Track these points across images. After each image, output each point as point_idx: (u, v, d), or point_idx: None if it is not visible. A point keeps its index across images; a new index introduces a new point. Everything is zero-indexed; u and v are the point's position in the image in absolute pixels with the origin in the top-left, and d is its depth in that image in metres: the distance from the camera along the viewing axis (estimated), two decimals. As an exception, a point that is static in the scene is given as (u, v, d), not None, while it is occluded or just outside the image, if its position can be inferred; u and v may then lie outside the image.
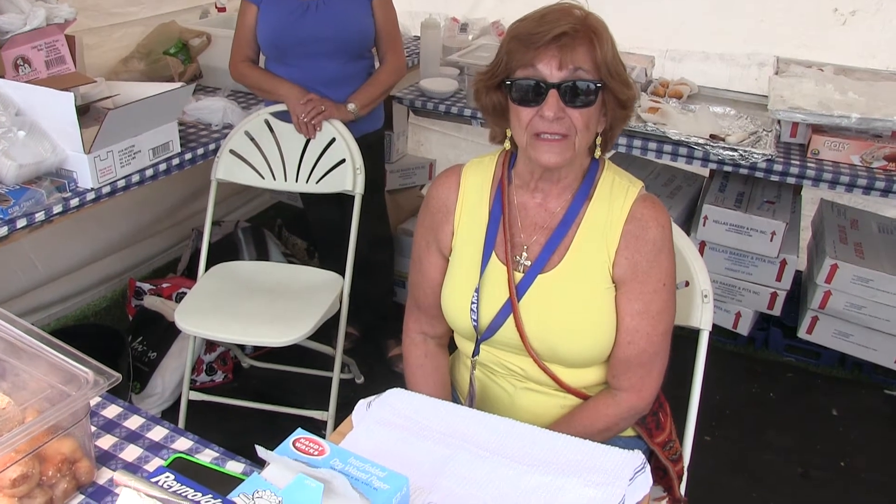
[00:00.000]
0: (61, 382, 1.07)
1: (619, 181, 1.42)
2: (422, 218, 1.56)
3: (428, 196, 1.55)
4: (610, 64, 1.31)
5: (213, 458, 1.18)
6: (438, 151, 3.98)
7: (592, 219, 1.40)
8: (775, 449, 2.58)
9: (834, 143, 2.42)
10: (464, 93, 2.88)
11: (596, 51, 1.29)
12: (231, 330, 2.18)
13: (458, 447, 1.21)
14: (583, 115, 1.31)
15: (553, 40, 1.28)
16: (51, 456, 1.04)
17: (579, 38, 1.29)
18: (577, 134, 1.32)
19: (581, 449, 1.22)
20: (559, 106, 1.29)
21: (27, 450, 0.98)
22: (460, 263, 1.48)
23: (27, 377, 1.10)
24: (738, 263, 2.84)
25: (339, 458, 1.04)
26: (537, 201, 1.44)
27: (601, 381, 1.47)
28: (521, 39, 1.32)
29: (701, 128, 2.56)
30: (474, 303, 1.44)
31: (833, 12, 3.03)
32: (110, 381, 1.04)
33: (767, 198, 2.85)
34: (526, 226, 1.44)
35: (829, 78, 2.72)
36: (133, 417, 1.28)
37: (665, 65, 3.24)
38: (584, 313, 1.39)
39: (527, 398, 1.48)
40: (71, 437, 1.06)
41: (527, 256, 1.43)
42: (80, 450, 1.08)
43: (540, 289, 1.40)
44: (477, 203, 1.48)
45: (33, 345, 1.11)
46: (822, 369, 2.97)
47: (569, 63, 1.28)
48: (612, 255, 1.38)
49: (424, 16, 3.14)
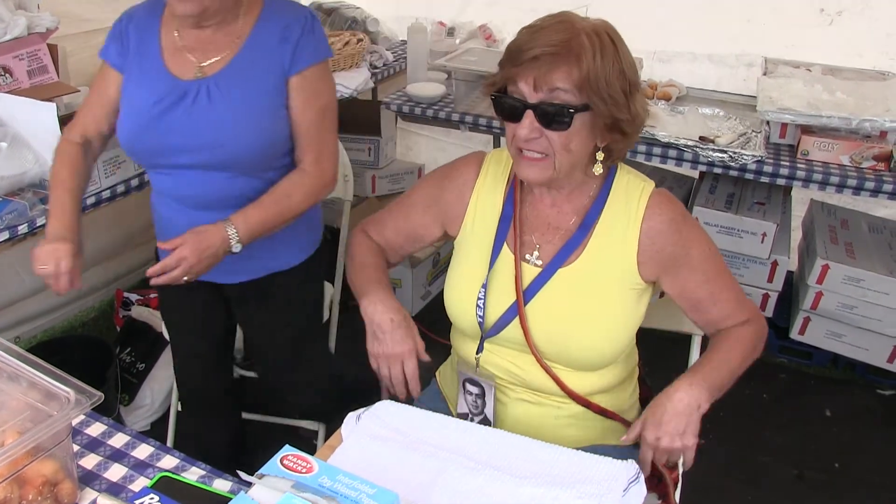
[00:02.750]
0: (42, 402, 1.05)
1: (632, 181, 1.43)
2: (432, 178, 1.57)
3: (450, 167, 1.55)
4: (595, 83, 1.25)
5: (200, 476, 1.16)
6: (427, 156, 3.96)
7: (610, 219, 1.40)
8: (770, 450, 2.57)
9: (823, 144, 2.42)
10: (451, 97, 2.86)
11: (574, 71, 1.24)
12: (219, 340, 2.15)
13: (450, 460, 1.20)
14: (561, 137, 1.29)
15: (532, 60, 1.26)
16: (31, 478, 1.02)
17: (560, 58, 1.25)
18: (556, 155, 1.31)
19: (574, 460, 1.20)
20: (534, 126, 1.28)
21: (6, 473, 0.96)
22: (467, 256, 1.48)
23: (6, 397, 1.08)
24: (730, 265, 2.83)
25: (327, 475, 1.02)
26: (548, 203, 1.44)
27: (604, 387, 1.46)
28: (509, 54, 1.31)
29: (690, 130, 2.55)
30: (481, 299, 1.43)
31: (819, 13, 3.02)
32: (92, 401, 1.02)
33: (758, 199, 2.85)
34: (538, 225, 1.44)
35: (818, 78, 2.72)
36: (118, 435, 1.25)
37: (653, 66, 3.23)
38: (603, 307, 1.39)
39: (520, 408, 1.46)
40: (52, 458, 1.04)
41: (538, 256, 1.42)
42: (62, 471, 1.06)
43: (558, 283, 1.39)
44: (491, 196, 1.48)
45: (11, 363, 1.08)
46: (815, 370, 2.96)
47: (543, 84, 1.26)
48: (634, 253, 1.38)
49: (411, 20, 3.13)
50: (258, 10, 1.67)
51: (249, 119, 1.62)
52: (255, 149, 1.64)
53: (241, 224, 1.61)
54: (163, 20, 1.70)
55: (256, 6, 1.68)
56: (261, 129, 1.63)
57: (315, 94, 1.68)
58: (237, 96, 1.62)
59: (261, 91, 1.63)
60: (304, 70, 1.65)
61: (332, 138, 1.76)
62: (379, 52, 3.25)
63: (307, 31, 1.65)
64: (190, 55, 1.66)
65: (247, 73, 1.63)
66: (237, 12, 1.65)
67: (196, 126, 1.62)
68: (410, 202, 1.59)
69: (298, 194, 1.69)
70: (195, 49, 1.66)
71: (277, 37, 1.63)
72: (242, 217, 1.62)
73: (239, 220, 1.61)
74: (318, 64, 1.68)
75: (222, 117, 1.61)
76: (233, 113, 1.61)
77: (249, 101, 1.62)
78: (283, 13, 1.67)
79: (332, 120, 1.75)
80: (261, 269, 1.82)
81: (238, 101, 1.62)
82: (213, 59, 1.65)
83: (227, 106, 1.61)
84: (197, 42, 1.66)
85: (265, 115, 1.63)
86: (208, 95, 1.62)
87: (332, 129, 1.75)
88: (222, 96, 1.62)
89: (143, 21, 1.71)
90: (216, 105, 1.62)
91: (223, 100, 1.62)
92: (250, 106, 1.62)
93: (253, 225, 1.63)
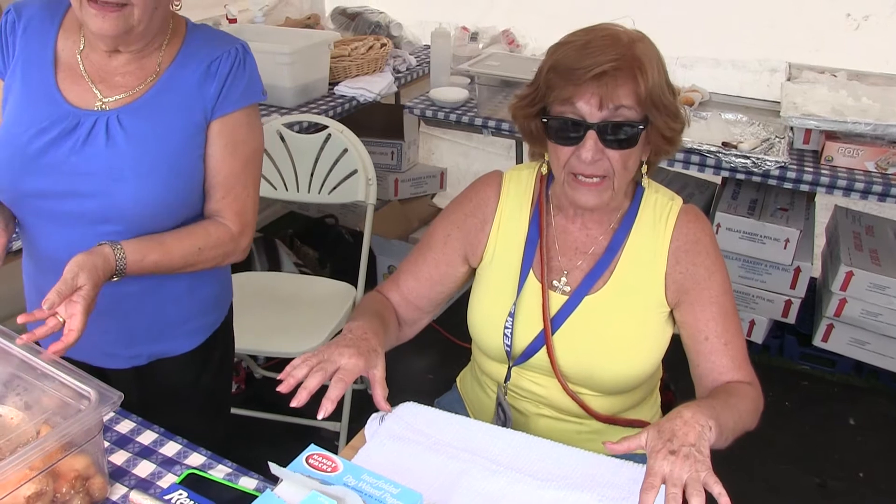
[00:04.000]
0: (73, 399, 1.08)
1: (660, 199, 1.38)
2: (450, 212, 1.48)
3: (465, 196, 1.48)
4: (655, 96, 1.22)
5: (226, 473, 1.18)
6: (449, 160, 3.98)
7: (638, 241, 1.36)
8: (791, 458, 2.55)
9: (848, 150, 2.40)
10: (474, 102, 2.87)
11: (640, 85, 1.20)
12: (246, 340, 2.18)
13: (472, 461, 1.21)
14: (622, 156, 1.25)
15: (595, 77, 1.20)
16: (64, 472, 1.04)
17: (622, 73, 1.20)
18: (616, 175, 1.27)
19: (596, 464, 1.21)
20: (598, 147, 1.23)
21: (41, 467, 0.98)
22: (492, 282, 1.43)
23: (40, 394, 1.11)
24: (752, 271, 2.82)
25: (352, 474, 1.03)
26: (578, 225, 1.40)
27: (628, 406, 1.44)
28: (561, 73, 1.24)
29: (713, 135, 2.55)
30: (508, 327, 1.39)
31: (846, 17, 3.00)
32: (115, 400, 1.04)
33: (780, 205, 2.83)
34: (566, 250, 1.40)
35: (843, 83, 2.70)
36: (146, 432, 1.27)
37: (676, 71, 3.22)
38: (631, 335, 1.36)
39: (541, 422, 1.45)
40: (84, 453, 1.06)
41: (566, 282, 1.39)
42: (93, 466, 1.08)
43: (585, 311, 1.36)
44: (515, 219, 1.43)
45: (41, 365, 1.11)
46: (838, 377, 2.94)
47: (609, 102, 1.21)
48: (662, 275, 1.34)
49: (434, 25, 3.14)
50: (181, 40, 1.41)
51: (156, 166, 1.34)
52: (157, 202, 1.35)
53: (136, 260, 1.30)
54: (63, 26, 1.39)
55: (178, 36, 1.42)
56: (168, 178, 1.35)
57: (240, 141, 1.42)
58: (143, 137, 1.34)
59: (174, 135, 1.36)
60: (229, 114, 1.40)
61: (254, 195, 1.47)
62: (402, 57, 3.28)
63: (237, 69, 1.40)
64: (93, 83, 1.37)
65: (159, 112, 1.36)
66: (160, 41, 1.39)
67: (90, 168, 1.33)
68: (426, 242, 1.49)
69: (209, 250, 1.41)
70: (101, 77, 1.37)
71: (200, 74, 1.38)
72: (140, 254, 1.31)
73: (134, 255, 1.30)
74: (247, 108, 1.42)
75: (122, 161, 1.33)
76: (137, 158, 1.33)
77: (158, 146, 1.35)
78: (211, 45, 1.41)
79: (255, 173, 1.47)
80: (144, 353, 1.52)
81: (144, 143, 1.34)
82: (123, 94, 1.36)
83: (130, 149, 1.33)
84: (104, 69, 1.37)
85: (174, 164, 1.36)
86: (107, 132, 1.33)
87: (255, 184, 1.48)
88: (126, 136, 1.33)
89: (37, 21, 1.39)
90: (116, 146, 1.33)
91: (126, 141, 1.33)
92: (158, 151, 1.35)
93: (146, 267, 1.33)
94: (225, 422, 1.81)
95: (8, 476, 0.94)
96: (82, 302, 1.19)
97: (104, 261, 1.26)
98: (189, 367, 1.59)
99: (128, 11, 1.27)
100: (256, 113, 1.47)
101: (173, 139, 1.36)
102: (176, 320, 1.48)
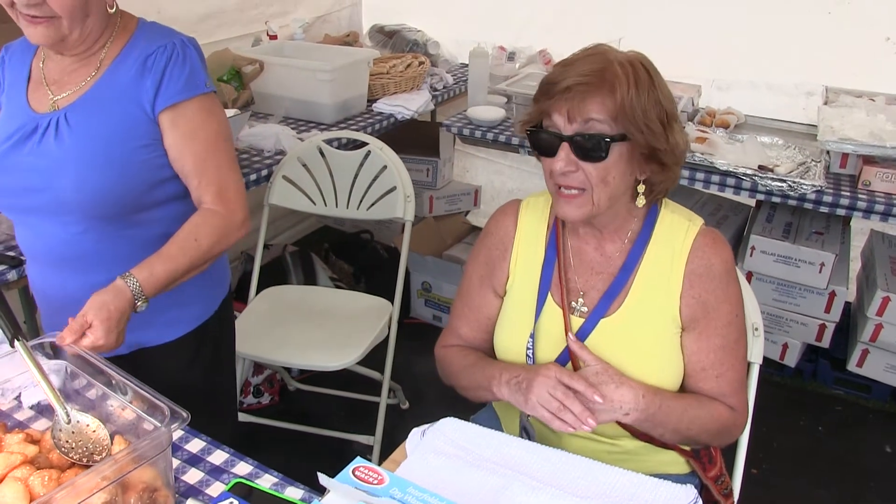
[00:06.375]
0: (146, 413, 1.12)
1: (676, 220, 1.39)
2: (477, 252, 1.54)
3: (485, 232, 1.54)
4: (632, 113, 1.24)
5: (273, 483, 1.20)
6: (484, 178, 4.01)
7: (653, 261, 1.38)
8: (825, 484, 2.53)
9: (886, 175, 2.39)
10: (511, 121, 2.90)
11: (614, 100, 1.23)
12: (284, 353, 2.22)
13: (513, 477, 1.22)
14: (597, 169, 1.27)
15: (564, 91, 1.25)
16: (133, 484, 1.06)
17: (593, 88, 1.24)
18: (594, 189, 1.29)
19: (634, 482, 1.22)
20: (570, 159, 1.27)
21: (113, 476, 1.01)
22: (515, 305, 1.47)
23: (116, 404, 1.15)
24: (786, 294, 2.81)
25: (398, 487, 1.06)
26: (592, 245, 1.42)
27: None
28: (542, 88, 1.30)
29: (749, 158, 2.55)
30: (530, 348, 1.42)
31: (885, 41, 3.00)
32: (184, 418, 1.08)
33: (816, 228, 2.82)
34: (582, 270, 1.43)
35: (881, 108, 2.69)
36: (194, 441, 1.31)
37: (712, 94, 3.23)
38: (648, 357, 1.37)
39: (575, 442, 1.46)
40: (153, 466, 1.09)
41: (583, 302, 1.41)
42: (160, 478, 1.10)
43: (601, 334, 1.38)
44: (533, 243, 1.47)
45: (120, 378, 1.16)
46: (874, 404, 2.91)
47: (578, 115, 1.25)
48: (678, 297, 1.36)
49: (471, 44, 3.18)
50: (127, 37, 1.52)
51: (96, 158, 1.44)
52: (95, 191, 1.44)
53: (146, 277, 1.39)
54: (38, 50, 1.56)
55: (126, 33, 1.52)
56: (104, 168, 1.44)
57: (197, 127, 1.50)
58: (84, 131, 1.45)
59: (114, 128, 1.45)
60: (175, 105, 1.48)
61: (231, 174, 1.54)
62: (439, 75, 3.32)
63: (175, 62, 1.48)
64: (48, 87, 1.51)
65: (98, 106, 1.46)
66: (103, 41, 1.50)
67: (41, 164, 1.45)
68: (465, 289, 1.55)
69: (206, 237, 1.47)
70: (55, 80, 1.51)
71: (136, 69, 1.47)
72: (147, 270, 1.40)
73: (143, 272, 1.39)
74: (194, 98, 1.49)
75: (66, 155, 1.44)
76: (78, 150, 1.44)
77: (97, 139, 1.44)
78: (150, 41, 1.50)
79: (227, 153, 1.54)
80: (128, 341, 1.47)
81: (85, 137, 1.45)
82: (68, 92, 1.49)
83: (73, 143, 1.45)
84: (58, 72, 1.52)
85: (110, 154, 1.44)
86: (56, 130, 1.46)
87: (230, 164, 1.55)
88: (70, 132, 1.45)
89: (19, 53, 1.58)
90: (63, 141, 1.45)
91: (70, 135, 1.45)
92: (97, 144, 1.44)
93: (160, 278, 1.41)
94: (230, 428, 1.84)
95: (82, 484, 0.98)
96: (92, 336, 1.29)
97: (115, 295, 1.35)
98: (173, 359, 1.65)
99: (57, 23, 1.40)
100: (213, 100, 1.55)
101: (109, 131, 1.46)
102: (152, 308, 1.44)
